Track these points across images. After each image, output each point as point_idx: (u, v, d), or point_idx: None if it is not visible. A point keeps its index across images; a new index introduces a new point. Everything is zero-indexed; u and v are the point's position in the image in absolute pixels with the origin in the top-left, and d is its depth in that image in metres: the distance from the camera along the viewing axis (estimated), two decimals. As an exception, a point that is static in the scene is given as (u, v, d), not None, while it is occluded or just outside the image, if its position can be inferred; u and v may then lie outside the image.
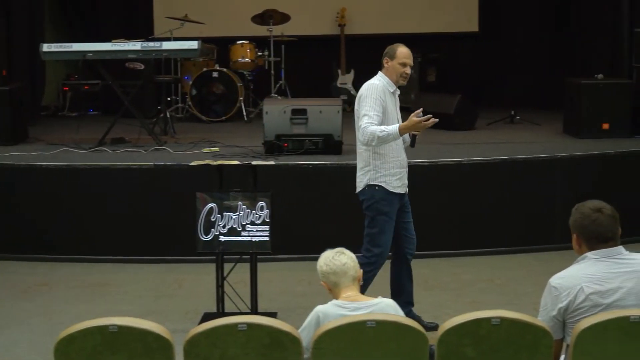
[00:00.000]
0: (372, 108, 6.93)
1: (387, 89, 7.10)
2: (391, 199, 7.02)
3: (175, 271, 8.91)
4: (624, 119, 10.84)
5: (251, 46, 13.25)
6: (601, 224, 4.62)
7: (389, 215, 7.03)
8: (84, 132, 11.28)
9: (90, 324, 4.27)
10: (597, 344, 4.33)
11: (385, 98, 7.01)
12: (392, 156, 7.02)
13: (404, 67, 7.11)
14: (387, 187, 7.01)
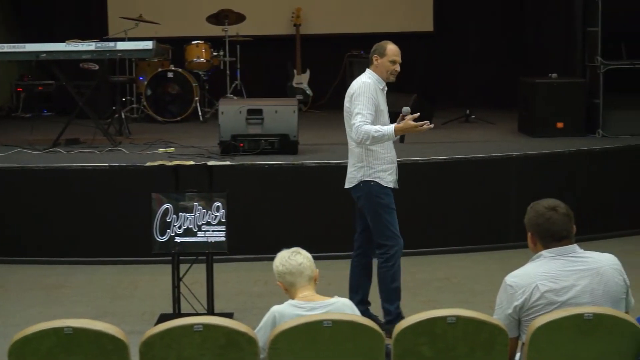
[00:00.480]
0: (365, 107, 7.01)
1: (377, 86, 7.17)
2: (387, 191, 7.14)
3: (131, 272, 8.87)
4: (578, 117, 10.92)
5: (206, 46, 13.22)
6: (555, 222, 4.65)
7: (390, 206, 7.15)
8: (38, 133, 11.20)
9: (45, 326, 4.23)
10: (551, 341, 4.36)
11: (377, 96, 7.11)
12: (383, 152, 7.12)
13: (394, 64, 7.24)
14: (381, 182, 7.12)
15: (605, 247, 6.49)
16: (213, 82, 13.47)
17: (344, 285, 8.16)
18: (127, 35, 12.20)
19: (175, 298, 7.30)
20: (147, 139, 10.82)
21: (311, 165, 9.38)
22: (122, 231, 9.10)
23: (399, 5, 14.50)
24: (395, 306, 7.23)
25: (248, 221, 9.02)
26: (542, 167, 9.78)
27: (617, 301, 4.63)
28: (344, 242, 9.17)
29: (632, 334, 4.41)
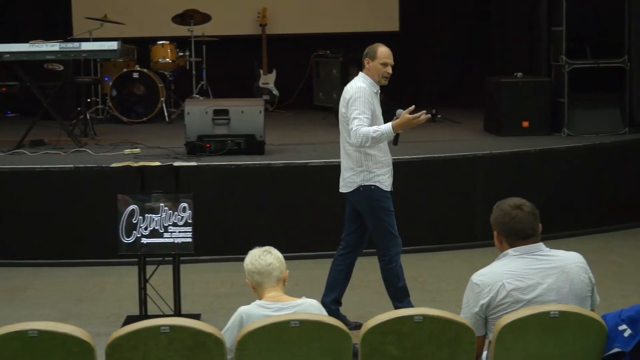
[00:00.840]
0: (362, 111, 6.97)
1: (372, 90, 7.12)
2: (387, 195, 7.17)
3: (97, 274, 8.82)
4: (544, 116, 10.98)
5: (172, 46, 13.17)
6: (520, 220, 4.67)
7: (389, 209, 7.17)
8: (1, 134, 11.13)
9: (9, 329, 4.20)
10: (518, 339, 4.38)
11: (372, 100, 7.08)
12: (381, 156, 7.15)
13: (385, 67, 7.15)
14: (381, 186, 7.14)
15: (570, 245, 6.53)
16: (179, 82, 13.42)
17: (312, 286, 8.16)
18: (92, 36, 12.14)
19: (141, 300, 7.26)
20: (113, 140, 10.77)
21: (278, 166, 9.38)
22: (88, 233, 9.05)
23: (364, 5, 14.51)
24: (405, 303, 7.26)
25: (215, 222, 9.00)
26: (508, 166, 9.82)
27: (582, 299, 4.65)
28: (311, 243, 9.21)
29: (597, 332, 4.44)
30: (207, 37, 13.41)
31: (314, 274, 8.72)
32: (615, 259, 9.26)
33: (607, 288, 7.92)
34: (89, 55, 10.85)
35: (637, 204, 10.45)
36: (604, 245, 9.69)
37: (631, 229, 10.32)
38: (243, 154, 9.64)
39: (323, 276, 8.67)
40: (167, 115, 12.75)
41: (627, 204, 10.38)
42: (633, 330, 4.42)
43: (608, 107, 11.01)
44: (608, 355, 4.45)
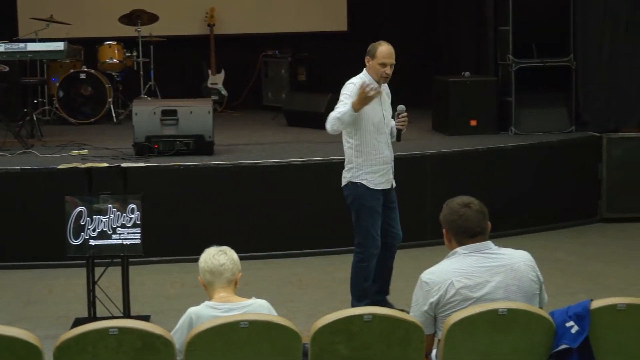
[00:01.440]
0: (340, 103, 7.02)
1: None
2: (373, 193, 7.15)
3: (45, 276, 8.75)
4: (491, 115, 11.04)
5: (119, 47, 13.09)
6: (468, 219, 4.70)
7: (374, 209, 7.17)
8: (-53, 136, 10.99)
9: (-45, 333, 4.16)
10: (467, 337, 4.40)
11: None
12: (373, 153, 7.13)
13: (384, 67, 7.12)
14: (368, 184, 7.14)
15: (518, 243, 6.60)
16: (126, 83, 13.34)
17: (262, 286, 8.18)
18: (38, 36, 12.03)
19: (90, 302, 7.22)
20: (60, 141, 10.68)
21: (227, 166, 9.35)
22: (35, 235, 8.97)
23: (313, 5, 14.52)
24: (363, 303, 7.22)
25: (164, 223, 8.96)
26: (456, 165, 9.88)
27: (530, 297, 4.69)
28: (261, 243, 9.20)
29: (545, 329, 4.48)
30: (154, 38, 13.35)
31: (264, 274, 8.73)
32: (562, 256, 9.34)
33: (554, 285, 7.99)
34: (35, 55, 10.76)
35: (583, 201, 10.57)
36: (551, 242, 9.77)
37: (578, 226, 10.42)
38: (192, 155, 9.61)
39: (273, 276, 8.70)
40: (114, 116, 12.67)
41: (574, 202, 10.48)
42: (580, 326, 4.46)
43: (554, 106, 11.10)
44: (556, 351, 4.49)
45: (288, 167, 9.41)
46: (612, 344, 4.52)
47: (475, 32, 12.28)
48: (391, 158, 7.27)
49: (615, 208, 10.58)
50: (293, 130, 11.67)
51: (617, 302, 4.52)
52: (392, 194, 7.36)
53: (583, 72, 11.00)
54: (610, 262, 9.16)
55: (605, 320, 4.50)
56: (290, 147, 10.38)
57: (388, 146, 7.24)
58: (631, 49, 11.05)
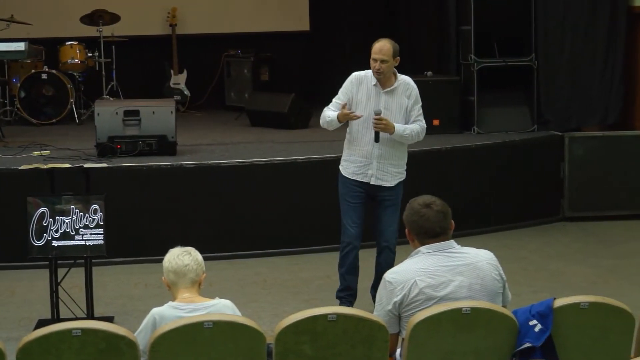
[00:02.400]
0: (336, 97, 7.37)
1: (367, 81, 7.31)
2: (346, 182, 7.37)
3: (7, 278, 8.68)
4: (454, 115, 11.07)
5: (81, 47, 13.01)
6: (429, 219, 4.72)
7: (344, 197, 7.37)
8: None
9: None
10: (431, 336, 4.42)
11: (356, 88, 7.29)
12: (356, 145, 7.32)
13: (374, 62, 7.24)
14: (343, 171, 7.39)
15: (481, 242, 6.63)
16: (88, 83, 13.26)
17: (226, 286, 8.17)
18: (-1, 37, 11.95)
19: (53, 303, 7.17)
20: (22, 142, 10.59)
21: (190, 166, 9.33)
22: (-3, 236, 8.91)
23: (275, 4, 14.50)
24: (343, 294, 7.52)
25: (127, 223, 8.93)
26: (420, 165, 9.87)
27: (494, 296, 4.71)
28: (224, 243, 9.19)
29: (508, 327, 4.50)
30: (116, 38, 13.29)
31: (228, 274, 8.72)
32: (525, 255, 9.39)
33: (518, 284, 8.04)
34: (-4, 56, 10.69)
35: (546, 200, 10.62)
36: (514, 241, 9.82)
37: (541, 225, 10.47)
38: (155, 155, 9.57)
39: (237, 276, 8.69)
40: (77, 117, 12.59)
41: (537, 201, 10.53)
42: (543, 325, 4.49)
43: (517, 105, 11.16)
44: (519, 350, 4.51)
45: (251, 167, 9.40)
46: (575, 342, 4.56)
47: (437, 31, 12.30)
48: (377, 155, 7.27)
49: (578, 207, 10.65)
50: (256, 130, 11.65)
51: (580, 300, 4.56)
52: (385, 193, 7.36)
53: (545, 72, 11.06)
54: (573, 260, 9.22)
55: (568, 318, 4.53)
56: (253, 147, 10.37)
57: (373, 143, 7.25)
58: (592, 48, 11.13)
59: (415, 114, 7.38)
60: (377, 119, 7.14)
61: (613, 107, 11.22)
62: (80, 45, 13.00)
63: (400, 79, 7.43)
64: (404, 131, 7.25)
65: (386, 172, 7.33)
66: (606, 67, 11.16)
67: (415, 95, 7.45)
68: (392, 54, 7.27)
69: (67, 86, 12.48)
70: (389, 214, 7.38)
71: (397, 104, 7.34)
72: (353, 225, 7.35)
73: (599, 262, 9.12)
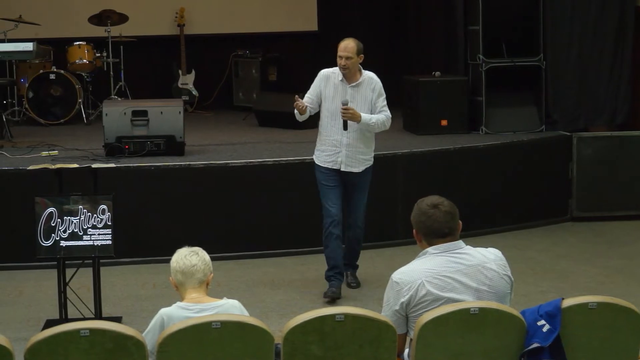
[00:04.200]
0: (308, 91, 8.06)
1: (334, 77, 7.95)
2: (319, 168, 8.03)
3: (15, 278, 8.70)
4: (462, 115, 11.08)
5: (89, 47, 13.03)
6: (437, 219, 4.71)
7: (321, 182, 8.02)
8: None
9: None
10: (439, 336, 4.41)
11: (324, 84, 7.96)
12: (325, 135, 7.99)
13: (340, 59, 7.85)
14: (316, 160, 8.07)
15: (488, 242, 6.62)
16: (96, 83, 13.28)
17: (233, 286, 8.17)
18: (7, 37, 11.96)
19: (61, 303, 7.18)
20: (30, 142, 10.62)
21: (198, 166, 9.34)
22: (5, 236, 8.92)
23: (283, 4, 14.51)
24: (331, 273, 8.07)
25: (135, 224, 8.94)
26: (428, 165, 9.90)
27: (502, 296, 4.70)
28: (232, 243, 9.20)
29: (516, 328, 4.49)
30: (124, 38, 13.31)
31: (236, 274, 8.72)
32: (533, 255, 9.39)
33: (526, 284, 8.04)
34: (4, 56, 10.72)
35: (554, 200, 10.61)
36: (522, 241, 9.81)
37: (548, 225, 10.46)
38: (163, 155, 9.58)
39: (245, 276, 8.70)
40: (85, 117, 12.62)
41: (545, 201, 10.52)
42: (551, 325, 4.48)
43: (525, 105, 11.15)
44: (527, 350, 4.51)
45: (259, 167, 9.40)
46: (583, 342, 4.55)
47: (445, 31, 12.30)
48: (345, 143, 7.90)
49: (586, 207, 10.64)
50: (264, 130, 11.66)
51: (588, 300, 4.55)
52: (354, 178, 8.01)
53: (553, 72, 11.05)
54: (581, 260, 9.21)
55: (576, 318, 4.52)
56: (261, 147, 10.37)
57: (341, 132, 7.87)
58: (600, 48, 11.12)
59: (380, 105, 8.00)
60: (344, 108, 7.74)
61: (621, 107, 11.21)
62: (89, 46, 13.02)
63: (365, 75, 8.02)
64: (370, 120, 7.86)
65: (354, 159, 7.95)
66: (614, 67, 11.15)
67: (379, 88, 8.03)
68: (356, 51, 7.87)
69: (75, 86, 12.50)
70: (358, 196, 8.10)
71: (363, 96, 7.95)
72: (333, 205, 7.95)
73: (607, 262, 9.11)
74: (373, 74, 8.08)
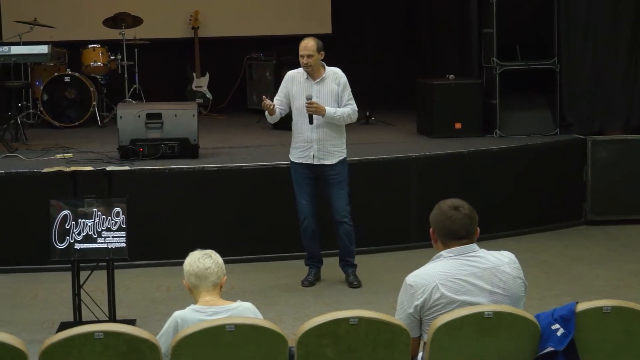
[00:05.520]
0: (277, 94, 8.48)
1: (299, 77, 8.32)
2: (295, 166, 8.36)
3: (30, 281, 8.72)
4: (476, 118, 11.06)
5: (103, 50, 13.06)
6: (455, 221, 4.70)
7: (295, 179, 8.38)
8: None
9: (-60, 337, 4.14)
10: (453, 340, 4.41)
11: (290, 84, 8.35)
12: (297, 133, 8.31)
13: (302, 58, 8.23)
14: (291, 157, 8.39)
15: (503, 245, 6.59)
16: (111, 86, 13.32)
17: (247, 289, 8.17)
18: (22, 40, 12.00)
19: (75, 306, 7.20)
20: (45, 144, 10.64)
21: (212, 169, 9.34)
22: (20, 238, 8.94)
23: (297, 7, 14.53)
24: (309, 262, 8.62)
25: (149, 226, 8.95)
26: (442, 168, 9.89)
27: (516, 300, 4.69)
28: (247, 246, 9.20)
29: (531, 331, 4.49)
30: (138, 41, 13.34)
31: (250, 277, 8.72)
32: (547, 258, 9.36)
33: (540, 288, 8.02)
34: (19, 59, 10.74)
35: (568, 204, 10.59)
36: (536, 245, 9.79)
37: (563, 229, 10.44)
38: (177, 158, 9.59)
39: (258, 279, 8.70)
40: (99, 120, 12.65)
41: (559, 204, 10.50)
42: (566, 329, 4.47)
43: (539, 108, 11.12)
44: (542, 354, 4.50)
45: (273, 170, 9.40)
46: (598, 346, 4.54)
47: (459, 34, 12.29)
48: (316, 138, 8.22)
49: (600, 210, 10.61)
50: (278, 133, 11.64)
51: (603, 304, 4.54)
52: (327, 172, 8.30)
53: (567, 75, 11.02)
54: (595, 264, 9.18)
55: (591, 322, 4.51)
56: (275, 150, 10.37)
57: (311, 128, 8.20)
58: (614, 51, 11.08)
59: (345, 98, 8.28)
60: (308, 103, 8.08)
61: (636, 110, 11.17)
62: (103, 48, 13.06)
63: (329, 70, 8.32)
64: (335, 113, 8.15)
65: (326, 152, 8.26)
66: (629, 70, 11.12)
67: (343, 82, 8.31)
68: (316, 49, 8.21)
69: (90, 89, 12.53)
70: (337, 190, 8.33)
71: (328, 91, 8.24)
72: (304, 202, 8.34)
73: (622, 266, 9.08)
74: (338, 69, 8.35)
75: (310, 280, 8.53)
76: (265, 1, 14.50)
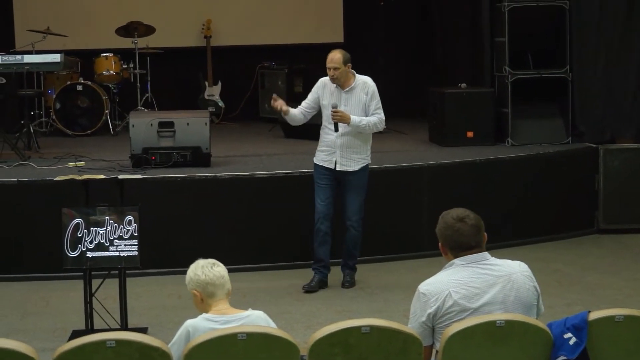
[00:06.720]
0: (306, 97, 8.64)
1: (330, 84, 8.40)
2: (317, 168, 8.51)
3: (42, 288, 8.73)
4: (488, 127, 11.05)
5: (116, 59, 13.10)
6: (463, 233, 4.70)
7: (316, 180, 8.49)
8: (-56, 148, 10.97)
9: (-47, 345, 4.15)
10: (465, 348, 4.40)
11: (321, 91, 8.46)
12: (323, 137, 8.48)
13: (329, 70, 8.33)
14: (315, 159, 8.54)
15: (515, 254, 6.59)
16: (123, 94, 13.35)
17: (259, 298, 8.17)
18: (35, 48, 12.04)
19: (87, 314, 7.21)
20: (57, 153, 10.67)
21: (224, 178, 9.35)
22: (32, 247, 8.96)
23: (309, 16, 14.55)
24: (317, 265, 8.60)
25: (161, 235, 8.96)
26: (454, 176, 9.88)
27: (529, 308, 4.69)
28: (258, 254, 9.21)
29: (543, 340, 4.48)
30: (151, 49, 13.37)
31: (261, 285, 8.72)
32: (559, 267, 9.35)
33: (552, 296, 8.00)
34: (32, 67, 10.77)
35: (580, 213, 10.57)
36: (548, 254, 9.77)
37: (575, 237, 10.42)
38: (189, 166, 9.61)
39: (270, 287, 8.69)
40: (111, 128, 12.68)
41: (571, 213, 10.48)
42: (578, 338, 4.46)
43: (551, 117, 11.11)
44: (554, 363, 4.49)
45: (285, 178, 9.41)
46: (610, 355, 4.52)
47: (471, 43, 12.29)
48: (339, 145, 8.36)
49: (612, 219, 10.59)
50: (290, 141, 11.67)
51: (615, 313, 4.53)
52: (348, 177, 8.41)
53: (579, 83, 11.01)
54: (607, 273, 9.16)
55: (603, 331, 4.50)
56: (287, 158, 10.38)
57: (336, 135, 8.32)
58: (626, 60, 11.07)
59: (373, 108, 8.36)
60: (333, 111, 8.21)
61: (648, 119, 11.16)
62: (116, 57, 13.09)
63: (359, 79, 8.41)
64: (360, 122, 8.25)
65: (349, 159, 8.39)
66: (642, 79, 11.11)
67: (372, 91, 8.39)
68: (343, 61, 8.31)
69: (102, 97, 12.56)
70: (353, 195, 8.44)
71: (356, 100, 8.34)
72: (321, 203, 8.42)
73: (634, 275, 9.06)
74: (368, 78, 8.44)
75: (311, 285, 8.53)
76: (278, 10, 14.52)
